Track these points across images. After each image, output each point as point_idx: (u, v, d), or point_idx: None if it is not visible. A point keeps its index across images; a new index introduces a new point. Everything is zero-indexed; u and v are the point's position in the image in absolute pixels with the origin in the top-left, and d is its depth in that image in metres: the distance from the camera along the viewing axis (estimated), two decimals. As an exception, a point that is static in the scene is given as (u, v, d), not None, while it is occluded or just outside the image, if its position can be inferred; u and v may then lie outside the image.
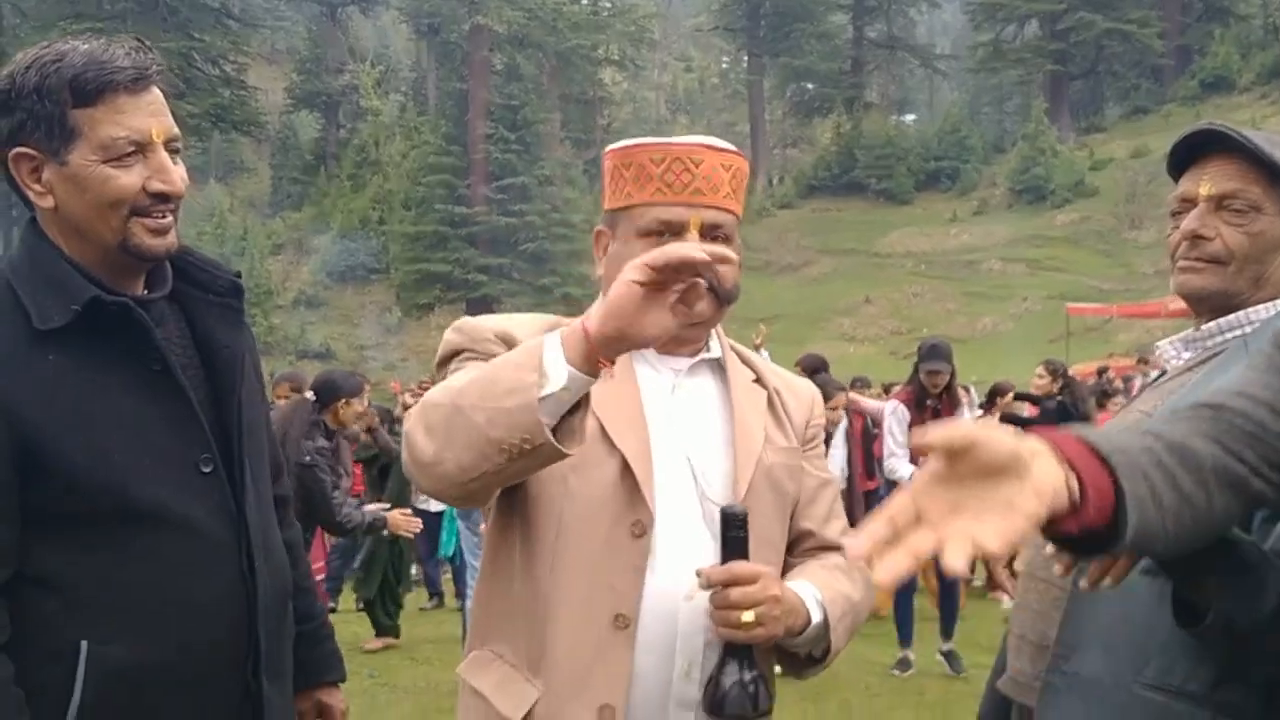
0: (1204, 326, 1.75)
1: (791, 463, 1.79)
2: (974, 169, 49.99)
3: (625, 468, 1.64)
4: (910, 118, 62.67)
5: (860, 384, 9.86)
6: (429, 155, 42.95)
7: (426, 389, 8.51)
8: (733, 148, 1.77)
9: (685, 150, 1.70)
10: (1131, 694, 1.50)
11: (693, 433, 1.72)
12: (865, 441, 8.00)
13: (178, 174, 1.70)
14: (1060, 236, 42.94)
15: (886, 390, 9.14)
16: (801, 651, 1.72)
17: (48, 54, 1.65)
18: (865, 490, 7.91)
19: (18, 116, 1.64)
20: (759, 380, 1.83)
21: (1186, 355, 1.77)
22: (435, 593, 9.68)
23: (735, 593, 1.56)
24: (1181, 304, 1.81)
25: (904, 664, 6.79)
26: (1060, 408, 7.95)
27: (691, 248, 1.41)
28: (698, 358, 1.78)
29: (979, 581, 9.11)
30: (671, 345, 1.74)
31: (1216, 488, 1.22)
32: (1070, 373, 8.45)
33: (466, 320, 1.77)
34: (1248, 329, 1.69)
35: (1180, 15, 52.14)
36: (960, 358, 7.31)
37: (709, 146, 1.72)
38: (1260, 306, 1.71)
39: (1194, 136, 1.75)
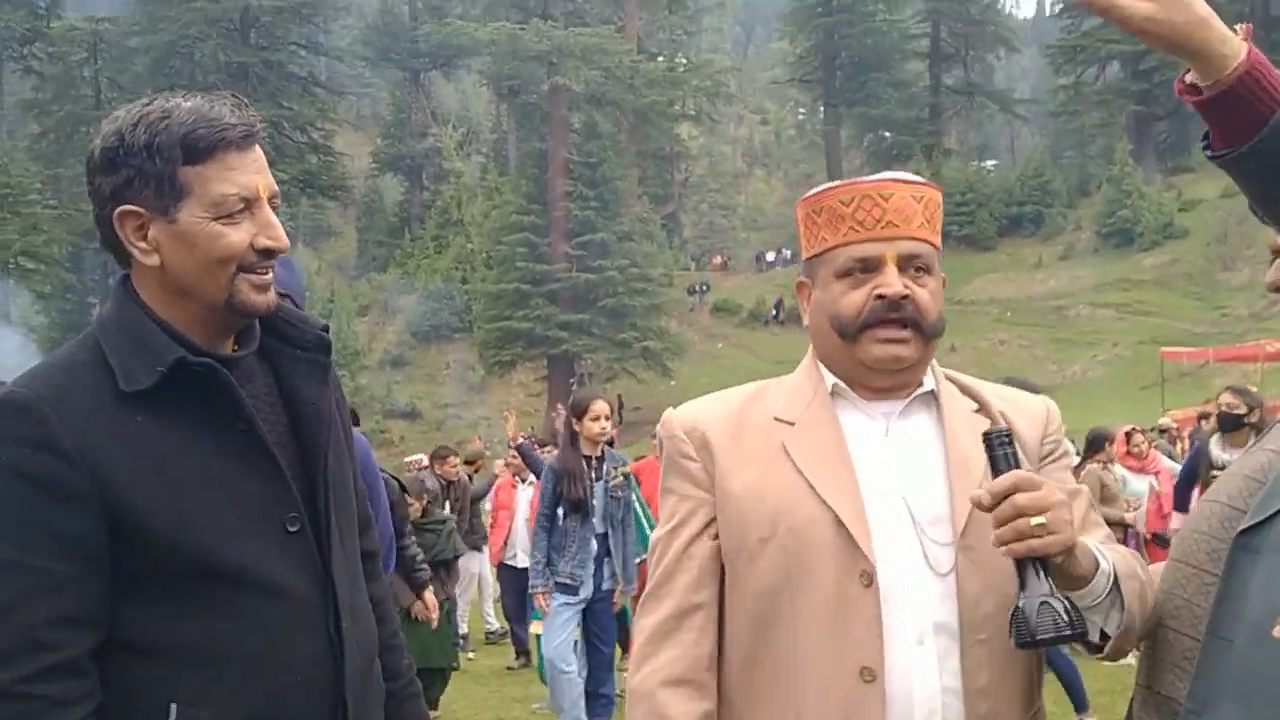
0: None
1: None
2: (1058, 213, 49.34)
3: (838, 522, 1.63)
4: (991, 163, 62.15)
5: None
6: (510, 214, 43.55)
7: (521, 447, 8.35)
8: (923, 180, 1.77)
9: (874, 186, 1.70)
10: None
11: (909, 474, 1.69)
12: None
13: (282, 230, 1.71)
14: (1149, 279, 42.09)
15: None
16: (1093, 606, 1.59)
17: (153, 111, 1.65)
18: None
19: (124, 174, 1.64)
20: (982, 409, 1.76)
21: None
22: (522, 651, 9.65)
23: (1021, 498, 1.47)
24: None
25: None
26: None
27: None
28: (910, 397, 1.75)
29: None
30: (883, 389, 1.74)
31: None
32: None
33: (668, 418, 1.84)
34: None
35: (1267, 52, 51.08)
36: (1050, 406, 7.13)
37: (898, 180, 1.72)
38: None
39: None
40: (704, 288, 51.81)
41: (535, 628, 6.74)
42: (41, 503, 1.56)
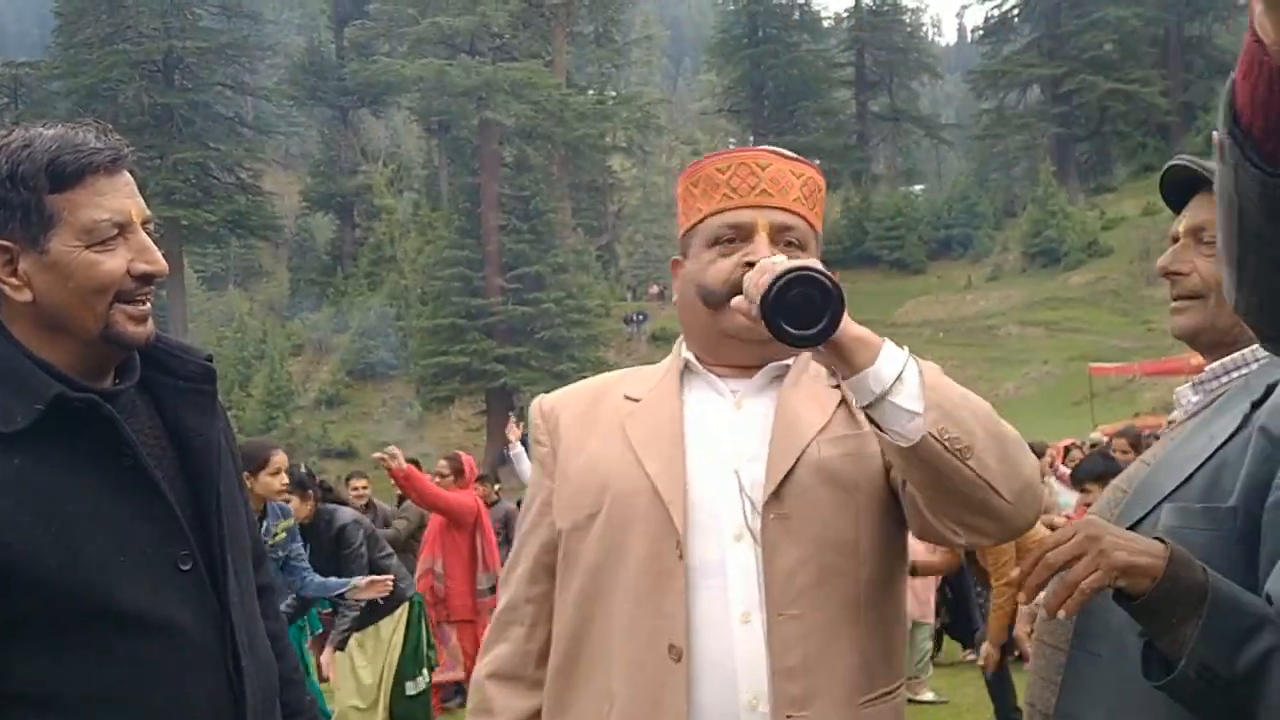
0: (1209, 367, 1.68)
1: (857, 451, 1.60)
2: (986, 235, 50.11)
3: (655, 492, 1.59)
4: (919, 188, 63.02)
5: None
6: (444, 249, 43.33)
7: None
8: (805, 160, 1.72)
9: (751, 155, 1.66)
10: None
11: (748, 448, 1.62)
12: None
13: (159, 254, 1.66)
14: (1077, 298, 42.87)
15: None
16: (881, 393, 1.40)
17: (13, 141, 1.59)
18: None
19: None
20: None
21: (1195, 399, 1.70)
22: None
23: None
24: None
25: None
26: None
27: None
28: (767, 374, 1.68)
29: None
30: (741, 365, 1.69)
31: None
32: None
33: (534, 404, 1.84)
34: (1253, 366, 1.62)
35: (1183, 72, 52.53)
36: (985, 424, 7.24)
37: (776, 152, 1.67)
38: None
39: (1171, 179, 1.73)
40: (641, 317, 51.93)
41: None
42: None
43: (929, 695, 7.98)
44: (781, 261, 1.43)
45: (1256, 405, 1.50)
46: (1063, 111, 52.33)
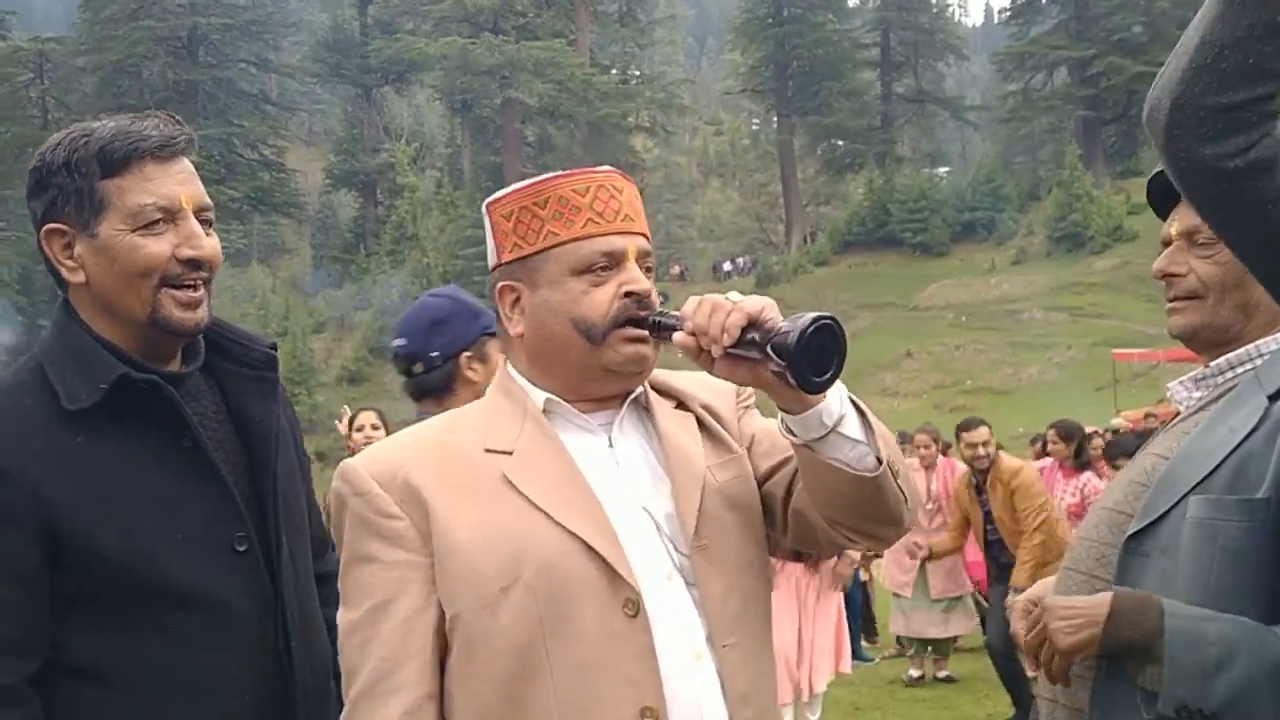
0: (1213, 363, 1.73)
1: (742, 472, 1.61)
2: (1010, 218, 49.82)
3: (589, 550, 1.45)
4: (943, 170, 62.71)
5: (904, 439, 9.69)
6: (466, 228, 43.40)
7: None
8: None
9: (606, 178, 1.57)
10: None
11: (640, 485, 1.55)
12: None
13: (210, 243, 1.69)
14: (1101, 282, 42.59)
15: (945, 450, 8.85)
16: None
17: (76, 131, 1.67)
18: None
19: (49, 194, 1.65)
20: (681, 404, 1.65)
21: (1198, 394, 1.74)
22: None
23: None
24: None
25: None
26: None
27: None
28: (627, 404, 1.60)
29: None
30: (605, 399, 1.59)
31: None
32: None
33: (351, 471, 1.55)
34: (1258, 361, 1.66)
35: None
36: (1006, 409, 7.32)
37: (621, 174, 1.61)
38: (1270, 338, 1.68)
39: (1156, 185, 1.76)
40: (663, 298, 51.72)
41: None
42: None
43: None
44: (744, 298, 1.42)
45: (1273, 399, 1.52)
46: (1090, 94, 51.85)
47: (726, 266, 57.55)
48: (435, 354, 2.71)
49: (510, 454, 1.52)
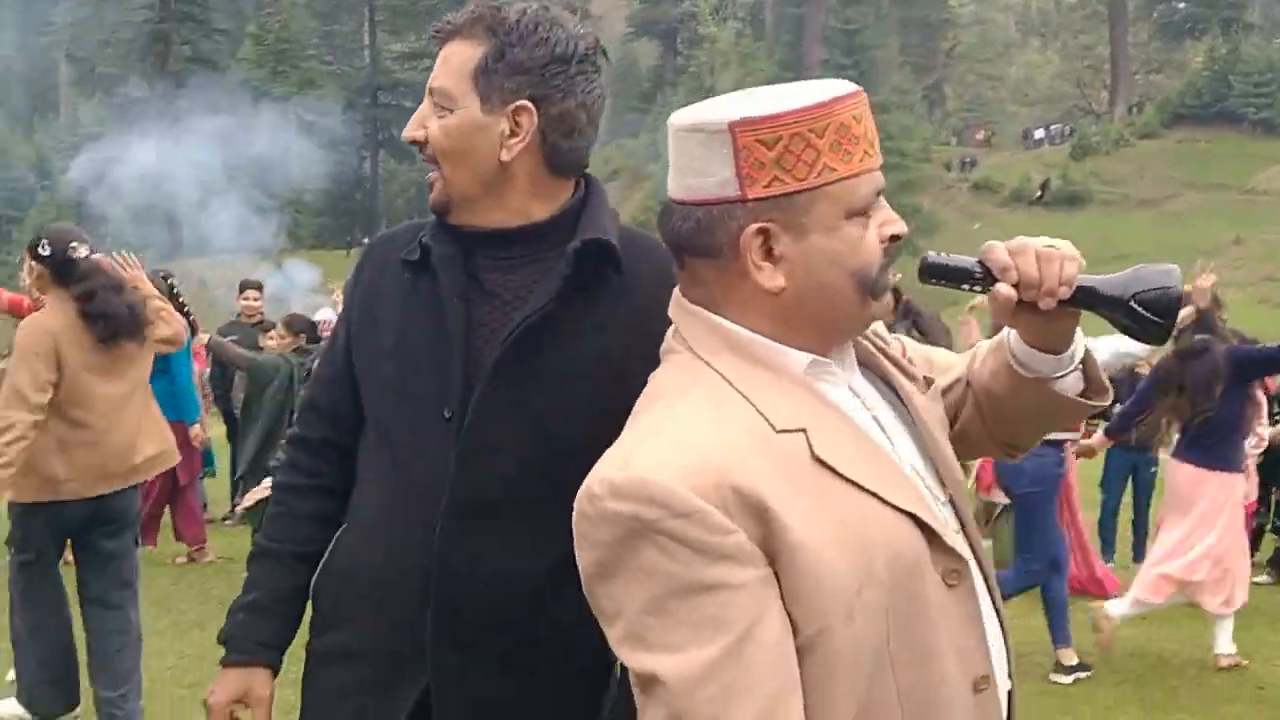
0: None
1: (936, 398, 1.55)
2: (1370, 96, 44.61)
3: (918, 524, 1.30)
4: (1298, 39, 56.59)
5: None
6: (762, 83, 42.39)
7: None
8: None
9: (864, 99, 1.34)
10: None
11: (899, 438, 1.41)
12: None
13: (433, 124, 1.78)
14: None
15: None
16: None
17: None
18: None
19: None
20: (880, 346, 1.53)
21: None
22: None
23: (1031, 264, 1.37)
24: None
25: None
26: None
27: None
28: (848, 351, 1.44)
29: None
30: (844, 348, 1.42)
31: None
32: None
33: (651, 486, 1.25)
34: None
35: None
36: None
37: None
38: None
39: None
40: (970, 162, 49.58)
41: None
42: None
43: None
44: (1055, 243, 1.39)
45: None
46: None
47: (1039, 134, 54.81)
48: None
49: (803, 431, 1.28)
